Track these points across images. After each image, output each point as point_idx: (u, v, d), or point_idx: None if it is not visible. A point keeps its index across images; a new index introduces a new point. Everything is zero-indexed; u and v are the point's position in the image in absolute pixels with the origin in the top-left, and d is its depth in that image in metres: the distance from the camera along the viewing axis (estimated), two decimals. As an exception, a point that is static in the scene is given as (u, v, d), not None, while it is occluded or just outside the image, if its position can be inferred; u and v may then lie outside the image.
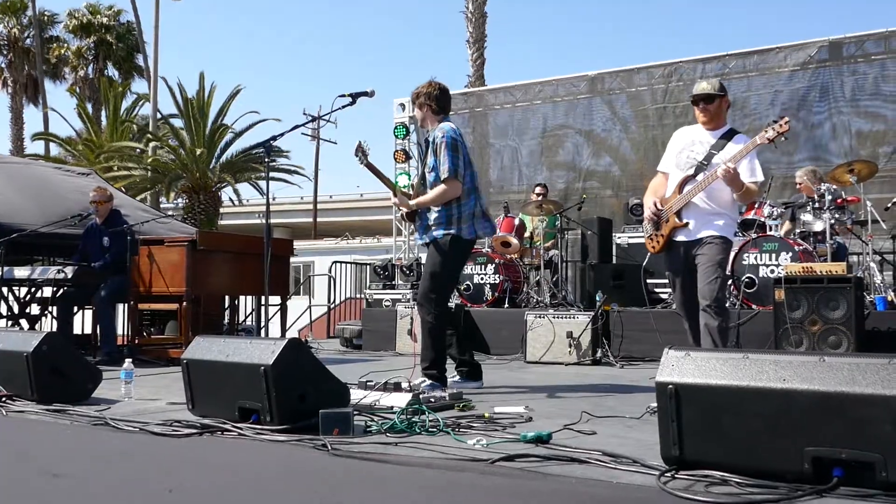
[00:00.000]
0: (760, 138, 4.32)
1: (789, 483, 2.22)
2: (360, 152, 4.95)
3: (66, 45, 34.34)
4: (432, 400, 3.86)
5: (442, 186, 4.82)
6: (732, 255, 7.34)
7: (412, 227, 5.34)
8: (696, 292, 4.68)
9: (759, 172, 4.50)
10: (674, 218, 4.65)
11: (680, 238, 4.65)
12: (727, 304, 4.80)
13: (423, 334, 4.93)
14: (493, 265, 8.89)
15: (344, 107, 4.85)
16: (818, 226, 7.42)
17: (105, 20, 33.32)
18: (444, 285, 4.97)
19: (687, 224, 4.62)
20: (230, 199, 25.57)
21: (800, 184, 8.22)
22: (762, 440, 2.28)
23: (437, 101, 5.00)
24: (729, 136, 4.60)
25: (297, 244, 10.66)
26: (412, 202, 5.00)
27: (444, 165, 4.79)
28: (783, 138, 4.29)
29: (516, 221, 9.31)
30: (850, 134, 10.55)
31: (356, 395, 3.83)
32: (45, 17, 34.27)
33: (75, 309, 7.78)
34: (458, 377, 4.99)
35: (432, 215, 4.91)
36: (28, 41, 33.90)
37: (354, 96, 4.83)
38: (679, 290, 4.72)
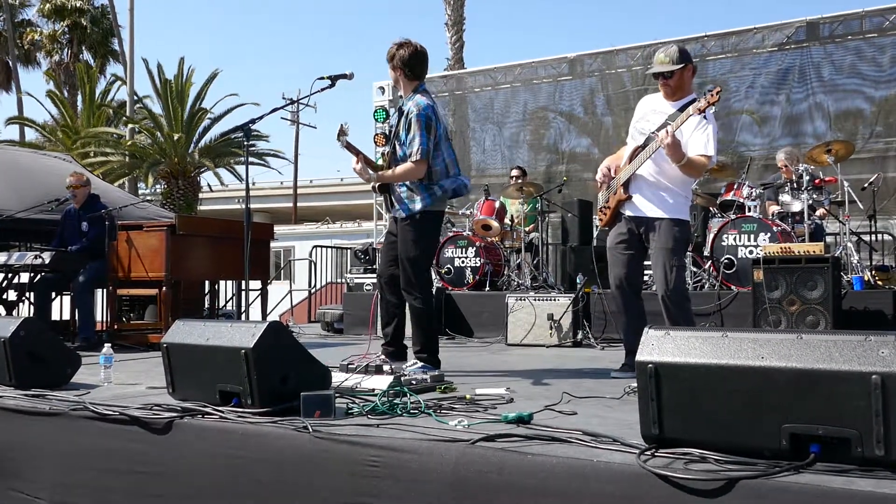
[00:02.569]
0: (693, 109, 4.21)
1: (767, 459, 2.23)
2: (342, 135, 4.87)
3: (39, 29, 33.85)
4: (414, 382, 3.86)
5: (409, 165, 4.68)
6: (711, 236, 7.40)
7: (382, 199, 5.17)
8: (633, 273, 4.63)
9: (712, 147, 4.34)
10: (620, 190, 4.58)
11: (627, 213, 4.58)
12: (689, 289, 4.74)
13: (412, 319, 4.83)
14: (474, 248, 8.89)
15: (323, 89, 4.81)
16: (796, 206, 7.48)
17: (79, 3, 32.73)
18: (424, 266, 4.87)
19: (631, 197, 4.55)
20: (208, 185, 25.40)
21: (785, 166, 8.19)
22: (741, 417, 2.30)
23: (410, 67, 4.76)
24: (687, 106, 4.45)
25: (278, 229, 10.65)
26: (375, 174, 4.83)
27: (415, 146, 4.65)
28: (713, 108, 4.23)
29: (497, 204, 9.31)
30: (828, 114, 10.63)
31: (338, 377, 3.82)
32: (17, 1, 33.75)
33: (53, 295, 7.72)
34: (382, 356, 4.88)
35: (401, 191, 4.80)
36: (0, 24, 33.39)
37: (333, 79, 4.78)
38: (618, 265, 4.61)
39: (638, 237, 4.59)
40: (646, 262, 4.89)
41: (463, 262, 8.92)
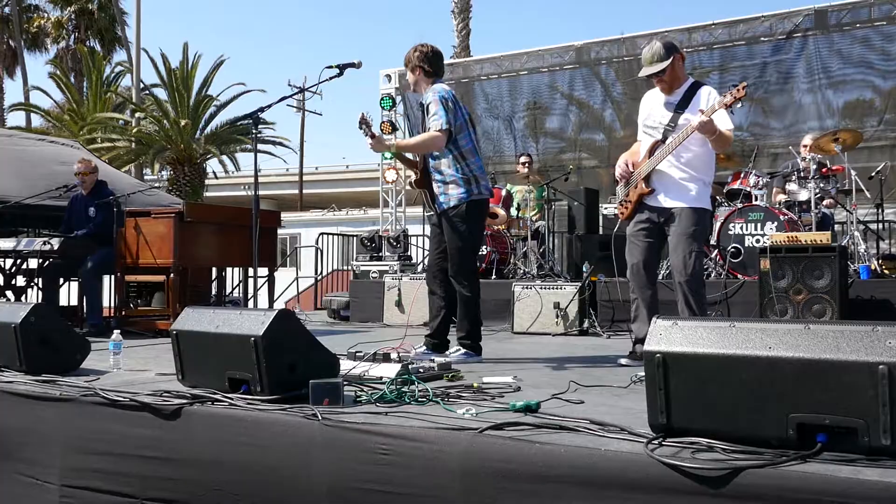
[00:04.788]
0: (719, 104, 4.25)
1: (774, 449, 2.25)
2: (365, 125, 4.88)
3: (46, 14, 33.79)
4: (421, 370, 3.88)
5: (431, 133, 4.79)
6: (718, 225, 7.40)
7: (422, 197, 5.28)
8: (651, 260, 4.65)
9: (729, 119, 4.42)
10: (642, 184, 4.61)
11: (650, 203, 4.62)
12: (705, 276, 4.79)
13: (459, 306, 4.95)
14: (481, 236, 8.88)
15: (331, 78, 4.83)
16: (803, 195, 7.47)
17: (86, -11, 32.68)
18: (473, 255, 5.00)
19: (653, 191, 4.58)
20: (213, 172, 25.40)
21: (807, 145, 8.10)
22: (748, 407, 2.31)
23: (429, 62, 4.95)
24: (692, 91, 4.53)
25: (284, 216, 10.66)
26: (393, 141, 4.96)
27: (435, 119, 4.76)
28: (739, 104, 4.26)
29: (503, 192, 9.31)
30: (836, 103, 10.59)
31: (345, 365, 3.84)
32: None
33: (61, 281, 7.75)
34: (423, 347, 5.04)
35: (443, 179, 4.89)
36: (6, 9, 33.33)
37: (342, 67, 4.80)
38: (637, 252, 4.64)
39: (659, 226, 4.61)
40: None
41: (469, 249, 8.90)
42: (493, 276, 8.72)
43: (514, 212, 9.63)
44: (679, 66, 4.59)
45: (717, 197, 8.17)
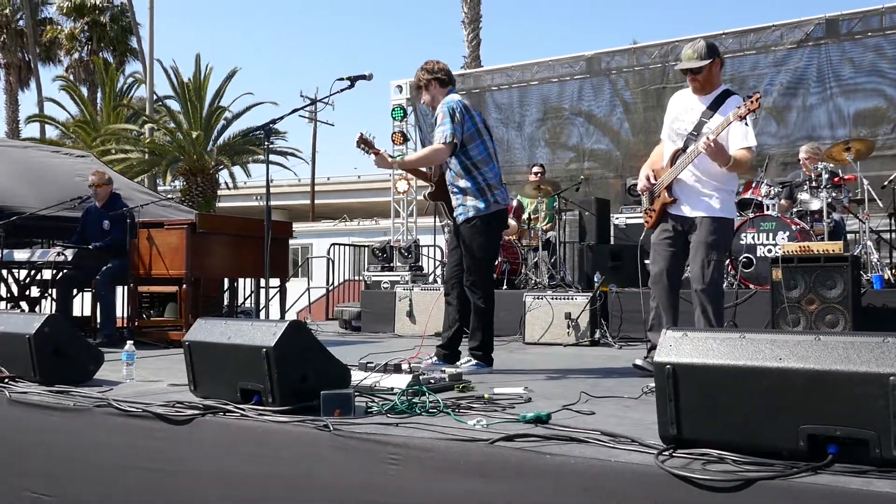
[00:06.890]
0: (733, 116, 4.21)
1: (785, 460, 2.24)
2: (364, 144, 4.90)
3: (59, 27, 34.06)
4: (432, 381, 3.89)
5: (433, 146, 4.82)
6: (730, 234, 7.37)
7: (434, 209, 5.32)
8: (674, 269, 4.63)
9: (752, 137, 4.37)
10: (664, 193, 4.59)
11: (672, 212, 4.60)
12: (723, 286, 4.75)
13: (474, 317, 4.97)
14: (492, 246, 8.88)
15: (343, 90, 4.85)
16: (815, 204, 7.44)
17: (98, 1, 32.88)
18: (489, 266, 5.03)
19: (676, 200, 4.58)
20: (225, 183, 25.52)
21: (807, 158, 8.14)
22: (758, 418, 2.31)
23: (441, 72, 4.98)
24: (721, 100, 4.48)
25: (295, 226, 10.70)
26: (396, 159, 5.03)
27: (438, 131, 4.79)
28: (754, 115, 4.23)
29: (514, 203, 9.31)
30: (847, 112, 10.55)
31: (356, 376, 3.85)
32: (38, -1, 33.97)
33: (75, 291, 7.80)
34: (435, 358, 5.05)
35: (459, 190, 4.90)
36: (21, 23, 33.61)
37: (353, 79, 4.82)
38: (660, 260, 4.62)
39: (683, 235, 4.59)
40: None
41: (480, 260, 8.91)
42: (505, 287, 8.72)
43: (524, 222, 9.64)
44: (716, 70, 4.54)
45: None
